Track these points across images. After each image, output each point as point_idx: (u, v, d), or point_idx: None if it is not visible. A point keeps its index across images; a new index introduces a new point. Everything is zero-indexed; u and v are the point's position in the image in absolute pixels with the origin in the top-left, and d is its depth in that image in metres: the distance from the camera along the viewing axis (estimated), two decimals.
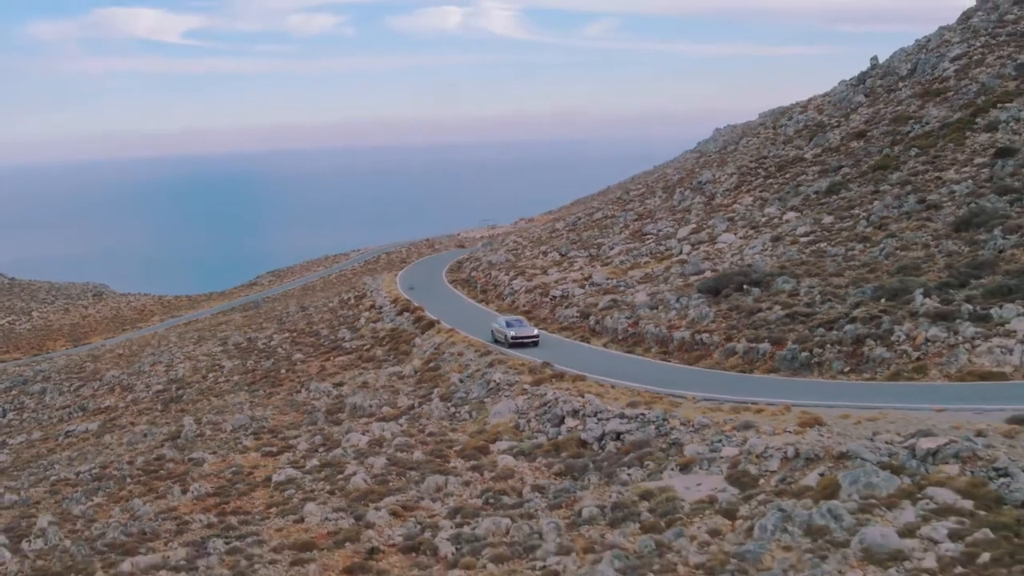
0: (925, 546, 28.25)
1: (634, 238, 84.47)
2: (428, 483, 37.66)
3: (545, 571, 29.00)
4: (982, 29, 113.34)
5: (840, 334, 46.59)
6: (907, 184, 71.42)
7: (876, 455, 32.86)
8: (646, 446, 37.29)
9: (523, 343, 59.08)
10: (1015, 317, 44.22)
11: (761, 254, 65.56)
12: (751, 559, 28.39)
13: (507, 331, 60.38)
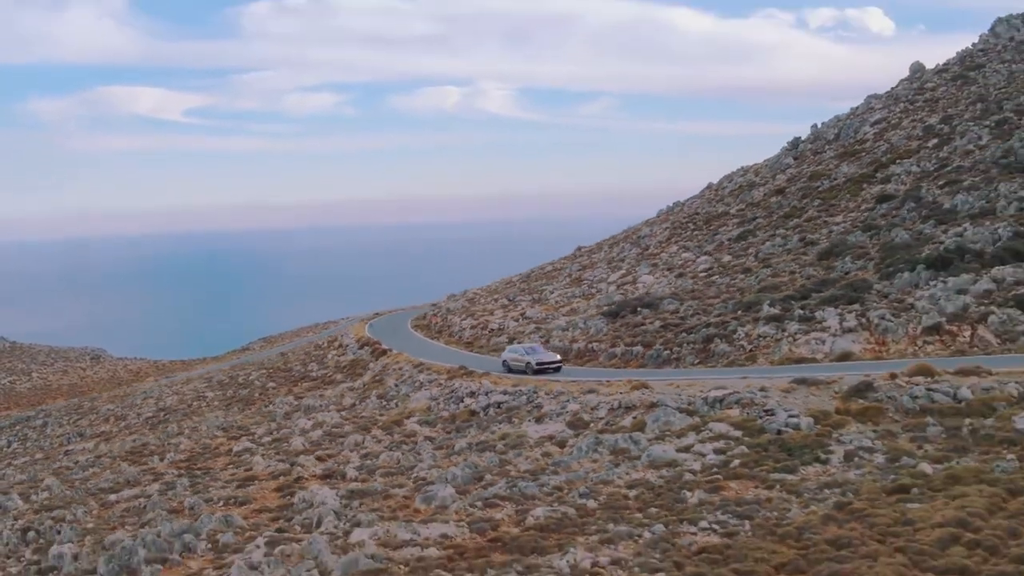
0: (695, 457, 39.69)
1: (573, 284, 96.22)
2: (349, 440, 49.13)
3: (416, 479, 40.40)
4: (903, 96, 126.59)
5: (695, 336, 58.27)
6: (799, 228, 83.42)
7: (677, 403, 44.43)
8: (517, 410, 48.83)
9: (546, 369, 59.86)
10: (831, 317, 55.88)
11: (663, 286, 77.37)
12: (564, 465, 39.85)
13: (529, 358, 61.29)
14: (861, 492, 35.53)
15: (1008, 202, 70.98)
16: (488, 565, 30.77)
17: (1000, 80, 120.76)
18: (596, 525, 33.81)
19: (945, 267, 60.54)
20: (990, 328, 54.00)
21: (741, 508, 34.25)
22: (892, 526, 32.16)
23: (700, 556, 30.95)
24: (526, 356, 61.25)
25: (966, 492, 34.64)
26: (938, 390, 43.66)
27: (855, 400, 43.86)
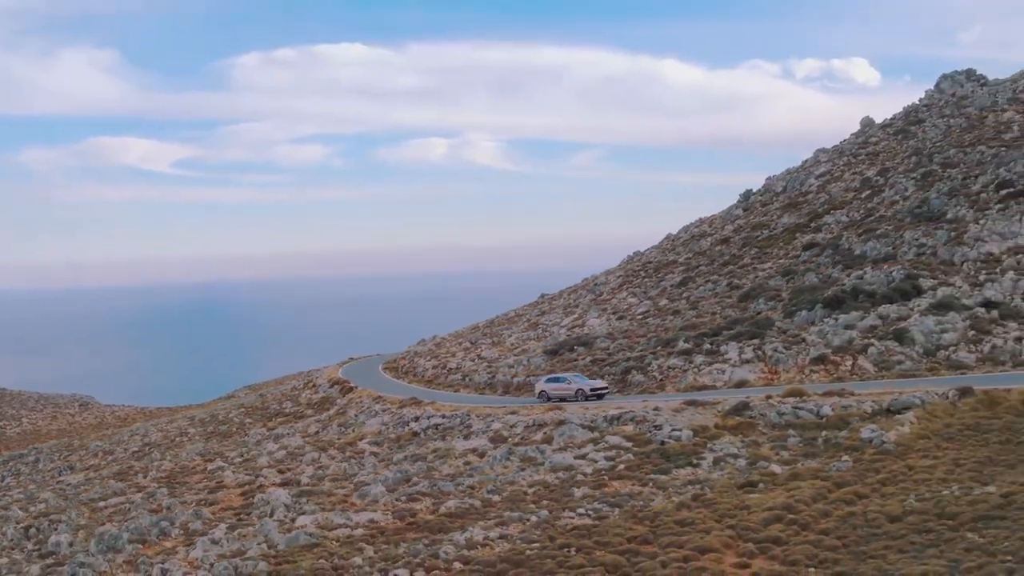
0: (589, 463, 48.08)
1: (530, 328, 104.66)
2: (307, 457, 57.46)
3: (357, 482, 48.74)
4: (848, 150, 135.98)
5: (616, 368, 66.79)
6: (731, 274, 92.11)
7: (581, 421, 52.88)
8: (451, 429, 57.24)
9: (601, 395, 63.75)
10: (732, 351, 64.45)
11: (604, 327, 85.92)
12: (479, 470, 48.24)
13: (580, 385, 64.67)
14: (716, 487, 44.01)
15: (909, 248, 79.82)
16: (402, 540, 39.13)
17: (937, 134, 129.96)
18: (495, 513, 42.18)
19: (839, 306, 69.21)
20: (869, 358, 62.58)
21: (615, 499, 42.68)
22: (731, 511, 40.62)
23: (571, 532, 39.31)
24: (576, 384, 64.78)
25: (800, 486, 43.18)
26: (804, 408, 52.17)
27: (732, 417, 52.31)
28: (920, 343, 63.45)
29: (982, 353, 62.65)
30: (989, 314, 66.76)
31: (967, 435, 48.79)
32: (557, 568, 35.39)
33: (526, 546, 37.77)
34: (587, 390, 63.69)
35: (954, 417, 51.30)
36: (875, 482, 42.91)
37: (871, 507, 39.48)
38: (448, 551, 37.22)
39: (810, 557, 34.91)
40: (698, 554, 35.79)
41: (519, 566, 35.78)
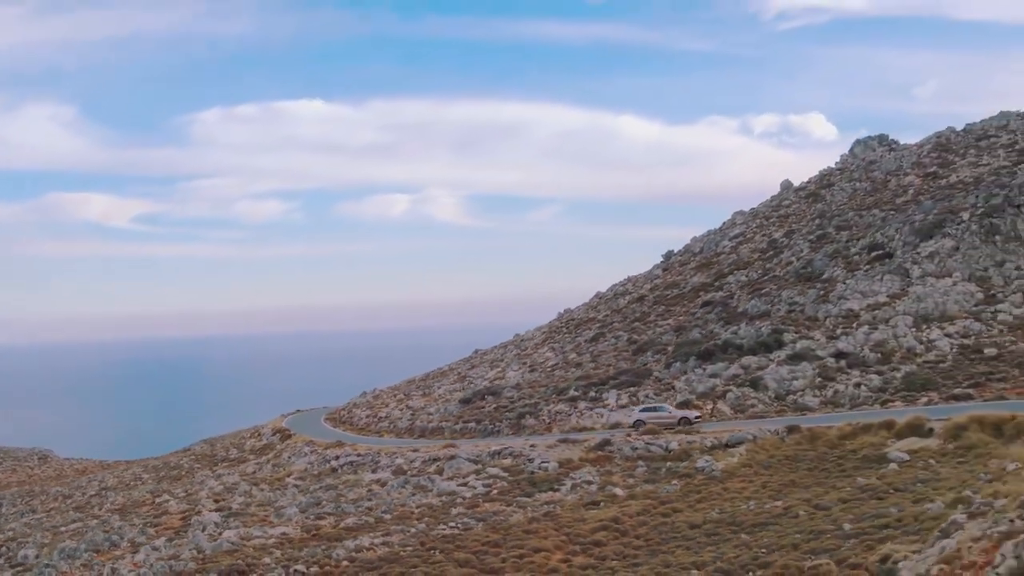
0: (469, 489, 59.13)
1: (459, 380, 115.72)
2: (240, 490, 68.25)
3: (277, 507, 59.62)
4: (762, 212, 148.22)
5: (512, 414, 78.01)
6: (635, 330, 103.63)
7: (468, 456, 64.02)
8: (363, 465, 68.27)
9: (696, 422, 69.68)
10: (612, 397, 75.82)
11: (517, 379, 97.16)
12: (379, 496, 59.24)
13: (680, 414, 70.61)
14: (566, 506, 55.23)
15: (783, 305, 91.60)
16: (304, 546, 50.05)
17: (843, 198, 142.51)
18: (384, 527, 53.18)
19: (709, 358, 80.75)
20: (727, 402, 74.07)
21: (481, 516, 53.78)
22: (570, 522, 51.85)
23: (440, 539, 50.36)
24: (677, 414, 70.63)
25: (631, 504, 54.50)
26: (655, 444, 63.54)
27: (595, 452, 63.58)
28: (772, 389, 75.01)
29: (825, 397, 74.20)
30: (838, 363, 78.46)
31: (783, 464, 60.24)
32: (421, 563, 46.46)
33: (401, 549, 48.80)
34: (691, 418, 69.96)
35: (779, 450, 62.76)
36: (693, 500, 54.32)
37: (680, 518, 50.82)
38: (339, 553, 48.17)
39: (618, 554, 46.13)
40: (532, 553, 46.94)
41: (393, 563, 46.82)
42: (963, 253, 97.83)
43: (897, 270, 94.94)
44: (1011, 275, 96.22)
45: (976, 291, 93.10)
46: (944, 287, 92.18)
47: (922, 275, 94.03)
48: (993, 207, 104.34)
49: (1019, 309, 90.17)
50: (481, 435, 77.99)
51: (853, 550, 39.54)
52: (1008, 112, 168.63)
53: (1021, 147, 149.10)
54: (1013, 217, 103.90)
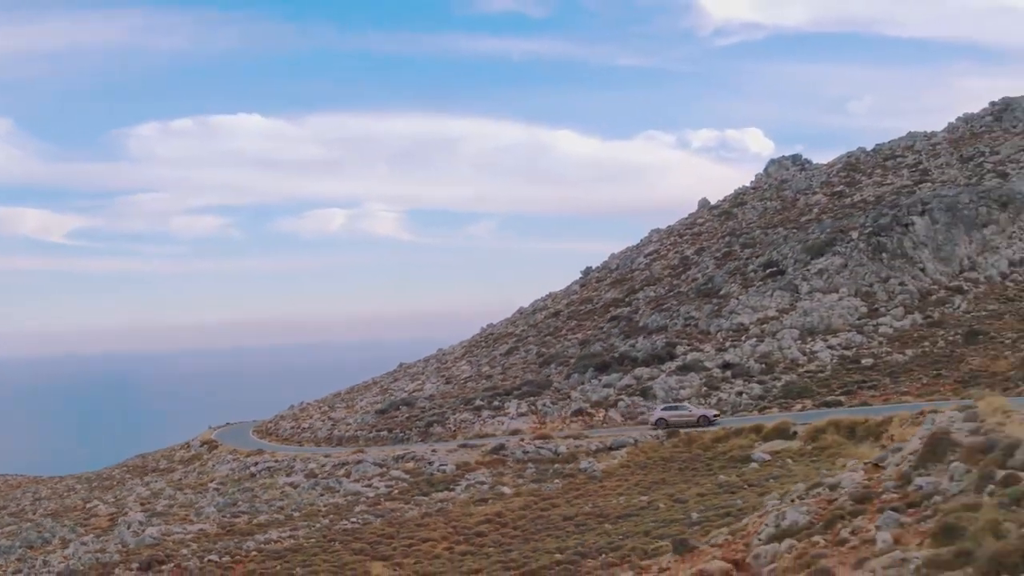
0: (372, 490, 65.87)
1: (381, 392, 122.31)
2: (165, 494, 74.58)
3: (196, 507, 66.05)
4: (677, 230, 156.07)
5: (421, 422, 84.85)
6: (544, 344, 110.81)
7: (374, 460, 70.80)
8: (279, 470, 74.84)
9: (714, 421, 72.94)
10: (512, 406, 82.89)
11: (432, 390, 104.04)
12: (291, 496, 65.85)
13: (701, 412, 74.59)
14: (457, 503, 62.11)
15: (680, 320, 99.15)
16: (219, 540, 56.62)
17: (754, 216, 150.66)
18: (293, 523, 59.81)
19: (606, 369, 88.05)
20: (618, 410, 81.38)
21: (380, 512, 60.55)
22: (459, 517, 58.74)
23: (341, 532, 57.08)
24: (698, 412, 74.81)
25: (516, 500, 61.48)
26: (546, 448, 70.63)
27: (490, 455, 70.56)
28: (661, 397, 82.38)
29: (709, 404, 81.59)
30: (724, 374, 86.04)
31: (658, 464, 67.57)
32: (322, 552, 53.25)
33: (305, 541, 55.55)
34: (710, 416, 73.73)
35: (656, 452, 70.12)
36: (571, 496, 61.48)
37: (556, 512, 57.92)
38: (250, 545, 54.83)
39: (495, 542, 53.10)
40: (421, 543, 53.86)
41: (296, 552, 53.56)
42: (851, 270, 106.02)
43: (787, 286, 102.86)
44: (895, 290, 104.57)
45: (861, 306, 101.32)
46: (830, 302, 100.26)
47: (810, 291, 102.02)
48: (881, 226, 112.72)
49: (899, 322, 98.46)
50: (392, 442, 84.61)
51: (693, 535, 46.76)
52: (916, 133, 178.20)
53: (924, 167, 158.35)
54: (900, 236, 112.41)
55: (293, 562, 51.94)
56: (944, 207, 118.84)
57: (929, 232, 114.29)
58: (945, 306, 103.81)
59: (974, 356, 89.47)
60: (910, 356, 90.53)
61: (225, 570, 52.38)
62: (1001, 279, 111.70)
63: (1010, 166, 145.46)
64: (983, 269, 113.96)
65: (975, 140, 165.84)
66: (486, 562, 49.64)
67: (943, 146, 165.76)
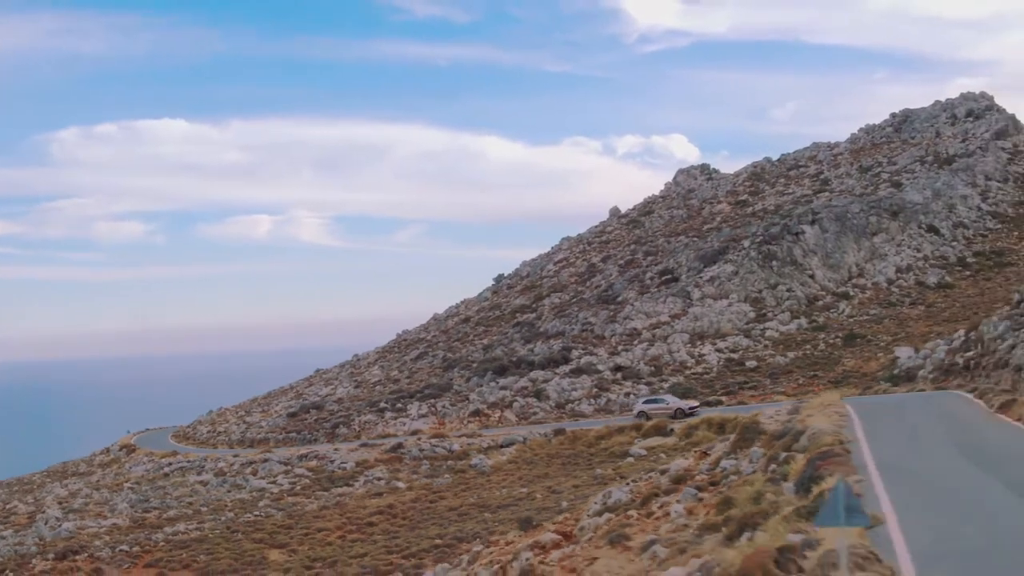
0: (277, 486, 71.28)
1: (296, 397, 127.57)
2: (82, 493, 79.47)
3: (111, 504, 71.12)
4: (587, 238, 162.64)
5: (328, 424, 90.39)
6: (451, 349, 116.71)
7: (280, 459, 76.22)
8: (191, 469, 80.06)
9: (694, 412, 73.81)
10: (414, 408, 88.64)
11: (342, 394, 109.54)
12: (200, 493, 71.15)
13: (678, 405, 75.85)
14: (354, 497, 67.74)
15: (578, 325, 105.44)
16: (130, 532, 61.85)
17: (660, 224, 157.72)
18: (200, 517, 65.15)
19: (503, 372, 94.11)
20: (514, 411, 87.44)
21: (282, 506, 66.06)
22: (354, 509, 64.37)
23: (245, 524, 62.52)
24: (675, 404, 76.25)
25: (408, 494, 67.24)
26: (440, 446, 76.45)
27: (389, 454, 76.29)
28: (553, 399, 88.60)
29: (599, 405, 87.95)
30: (614, 376, 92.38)
31: (543, 460, 73.60)
32: (224, 541, 58.64)
33: (211, 532, 60.90)
34: (685, 409, 75.04)
35: (543, 449, 76.16)
36: (459, 490, 67.36)
37: (443, 504, 63.79)
38: (158, 537, 60.13)
39: (384, 531, 58.89)
40: (316, 532, 59.45)
41: (201, 542, 58.95)
42: (741, 277, 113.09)
43: (680, 292, 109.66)
44: (783, 296, 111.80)
45: (749, 311, 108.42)
46: (720, 307, 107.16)
47: (702, 297, 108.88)
48: (772, 235, 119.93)
49: (785, 326, 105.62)
50: (300, 443, 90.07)
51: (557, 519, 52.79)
52: (820, 143, 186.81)
53: (825, 176, 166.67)
54: (790, 244, 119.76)
55: (197, 551, 57.28)
56: (834, 216, 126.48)
57: (819, 240, 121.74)
58: (830, 311, 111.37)
59: (849, 358, 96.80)
60: (792, 358, 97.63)
61: (134, 559, 57.65)
62: (887, 285, 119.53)
63: (905, 176, 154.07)
64: (871, 276, 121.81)
65: (875, 151, 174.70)
66: (373, 547, 55.40)
67: (844, 156, 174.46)
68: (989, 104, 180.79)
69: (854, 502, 13.22)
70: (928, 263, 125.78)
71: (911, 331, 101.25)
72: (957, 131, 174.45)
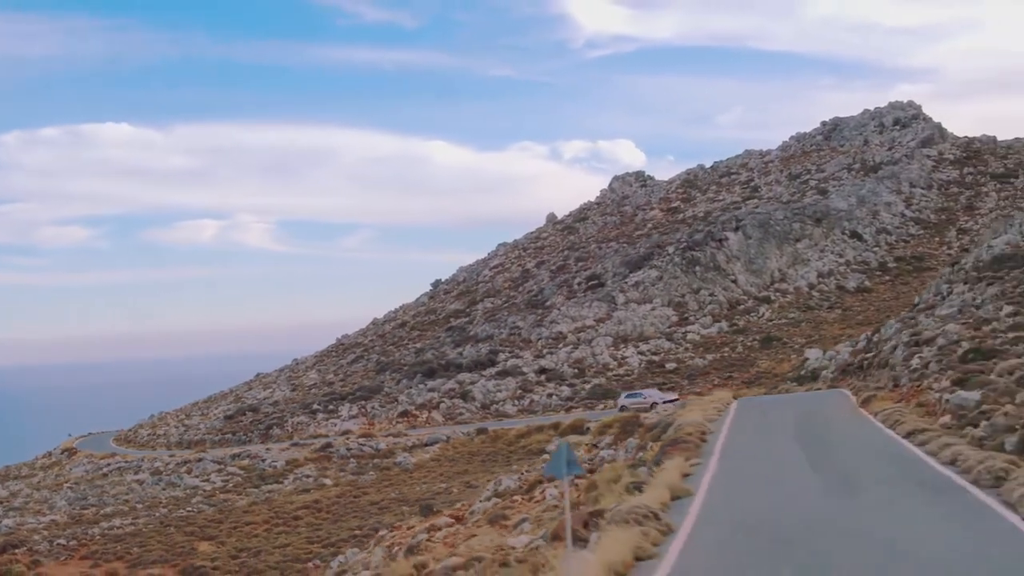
0: (210, 484, 75.19)
1: (235, 401, 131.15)
2: (23, 493, 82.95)
3: (48, 503, 74.75)
4: (523, 244, 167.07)
5: (262, 425, 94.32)
6: (385, 353, 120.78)
7: (213, 459, 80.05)
8: (129, 469, 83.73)
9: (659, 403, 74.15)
10: (344, 409, 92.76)
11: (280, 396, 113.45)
12: (136, 491, 74.90)
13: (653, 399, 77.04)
14: (283, 493, 71.86)
15: (506, 329, 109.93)
16: (68, 527, 65.62)
17: (594, 230, 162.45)
18: (135, 513, 69.01)
19: (432, 375, 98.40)
20: (441, 411, 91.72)
21: (214, 502, 70.01)
22: (281, 504, 68.47)
23: (178, 519, 66.45)
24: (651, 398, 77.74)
25: (334, 489, 71.37)
26: (368, 445, 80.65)
27: (318, 453, 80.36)
28: (479, 400, 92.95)
29: (522, 406, 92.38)
30: (539, 378, 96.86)
31: (464, 457, 77.94)
32: (156, 535, 62.61)
33: (144, 527, 64.83)
34: (660, 401, 75.62)
35: (465, 447, 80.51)
36: (382, 486, 71.62)
37: (366, 498, 68.01)
38: (94, 531, 63.98)
39: (309, 524, 63.06)
40: (244, 525, 63.53)
41: (135, 536, 62.90)
42: (665, 282, 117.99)
43: (605, 297, 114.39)
44: (705, 300, 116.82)
45: (672, 315, 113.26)
46: (644, 312, 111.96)
47: (626, 301, 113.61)
48: (695, 242, 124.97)
49: (707, 330, 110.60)
50: (236, 444, 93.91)
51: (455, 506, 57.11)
52: (752, 151, 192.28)
53: (755, 184, 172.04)
54: (714, 250, 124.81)
55: (131, 544, 61.19)
56: (757, 223, 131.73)
57: (742, 247, 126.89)
58: (750, 315, 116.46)
59: (764, 360, 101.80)
60: (710, 360, 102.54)
61: (71, 552, 61.48)
62: (809, 289, 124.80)
63: (831, 183, 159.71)
64: (793, 280, 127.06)
65: (805, 158, 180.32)
66: (296, 538, 59.64)
67: (775, 164, 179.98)
68: (916, 113, 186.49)
69: (572, 458, 17.75)
70: (850, 268, 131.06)
71: (825, 334, 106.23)
72: (885, 139, 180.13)
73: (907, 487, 24.75)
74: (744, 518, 22.25)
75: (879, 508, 22.22)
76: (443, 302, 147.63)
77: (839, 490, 25.16)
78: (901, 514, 21.44)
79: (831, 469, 28.64)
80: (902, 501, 22.95)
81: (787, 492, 25.66)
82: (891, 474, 26.97)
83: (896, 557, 17.43)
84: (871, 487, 25.27)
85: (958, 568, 16.45)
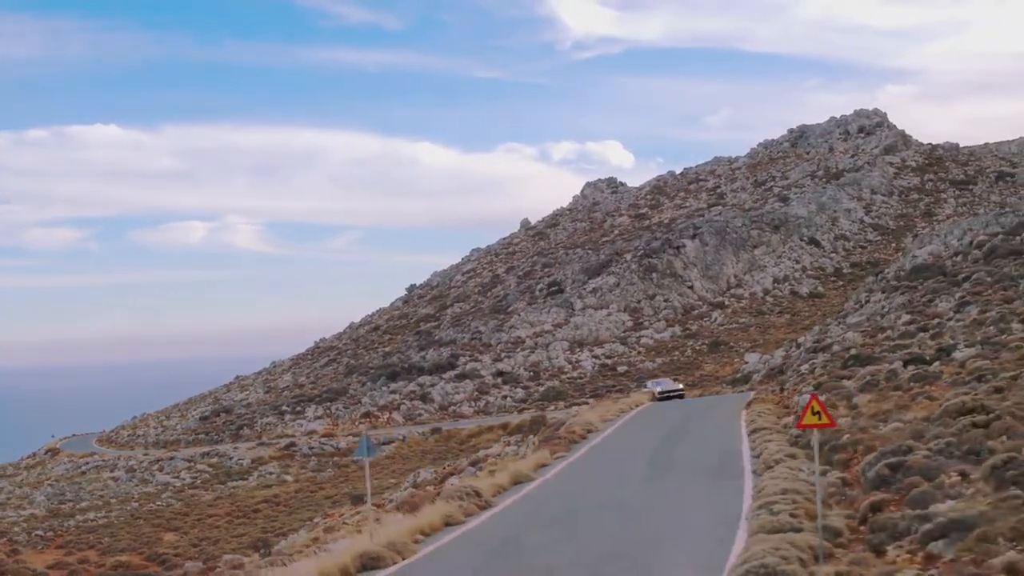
0: (180, 480, 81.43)
1: (214, 403, 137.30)
2: (6, 490, 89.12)
3: (28, 498, 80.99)
4: (495, 249, 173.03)
5: (233, 426, 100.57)
6: (355, 356, 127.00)
7: (184, 457, 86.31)
8: (104, 467, 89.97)
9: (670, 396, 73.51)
10: (310, 410, 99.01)
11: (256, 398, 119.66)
12: (111, 488, 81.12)
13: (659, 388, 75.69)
14: (246, 489, 78.14)
15: (468, 334, 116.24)
16: (45, 520, 71.89)
17: (563, 236, 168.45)
18: (109, 507, 75.30)
19: (395, 377, 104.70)
20: (401, 412, 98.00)
21: (182, 497, 76.27)
22: (243, 498, 74.76)
23: (148, 512, 72.72)
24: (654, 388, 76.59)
25: (292, 484, 77.64)
26: (329, 444, 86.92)
27: (282, 451, 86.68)
28: (438, 401, 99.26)
29: (478, 407, 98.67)
30: (495, 380, 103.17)
31: (417, 455, 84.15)
32: (126, 526, 68.95)
33: (116, 520, 71.15)
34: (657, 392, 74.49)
35: (420, 446, 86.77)
36: (338, 482, 77.90)
37: (321, 493, 74.36)
38: (70, 524, 70.28)
39: (267, 516, 69.35)
40: (208, 517, 69.78)
41: (107, 527, 69.21)
42: (622, 288, 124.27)
43: (564, 303, 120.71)
44: (660, 306, 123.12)
45: (627, 320, 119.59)
46: (600, 317, 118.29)
47: (584, 307, 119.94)
48: (652, 249, 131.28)
49: (660, 334, 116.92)
50: (208, 444, 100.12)
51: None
52: (721, 158, 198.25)
53: (721, 190, 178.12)
54: (671, 257, 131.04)
55: (103, 534, 67.47)
56: (714, 231, 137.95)
57: (699, 253, 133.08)
58: (704, 320, 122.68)
59: (710, 363, 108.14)
60: (659, 363, 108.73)
61: (47, 542, 67.80)
62: (763, 295, 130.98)
63: (794, 190, 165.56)
64: (749, 286, 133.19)
65: (771, 165, 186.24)
66: (254, 528, 65.97)
67: (742, 171, 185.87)
68: (881, 120, 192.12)
69: (372, 445, 24.67)
70: (805, 274, 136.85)
71: (771, 338, 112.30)
72: (849, 146, 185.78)
73: (704, 474, 30.83)
74: (556, 498, 28.64)
75: (663, 489, 28.48)
76: (416, 307, 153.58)
77: (653, 477, 31.35)
78: (672, 492, 27.76)
79: (664, 462, 34.77)
80: (688, 484, 29.14)
81: (613, 479, 31.93)
82: (706, 464, 33.03)
83: (626, 518, 23.97)
84: (678, 474, 31.48)
85: (650, 516, 23.32)
